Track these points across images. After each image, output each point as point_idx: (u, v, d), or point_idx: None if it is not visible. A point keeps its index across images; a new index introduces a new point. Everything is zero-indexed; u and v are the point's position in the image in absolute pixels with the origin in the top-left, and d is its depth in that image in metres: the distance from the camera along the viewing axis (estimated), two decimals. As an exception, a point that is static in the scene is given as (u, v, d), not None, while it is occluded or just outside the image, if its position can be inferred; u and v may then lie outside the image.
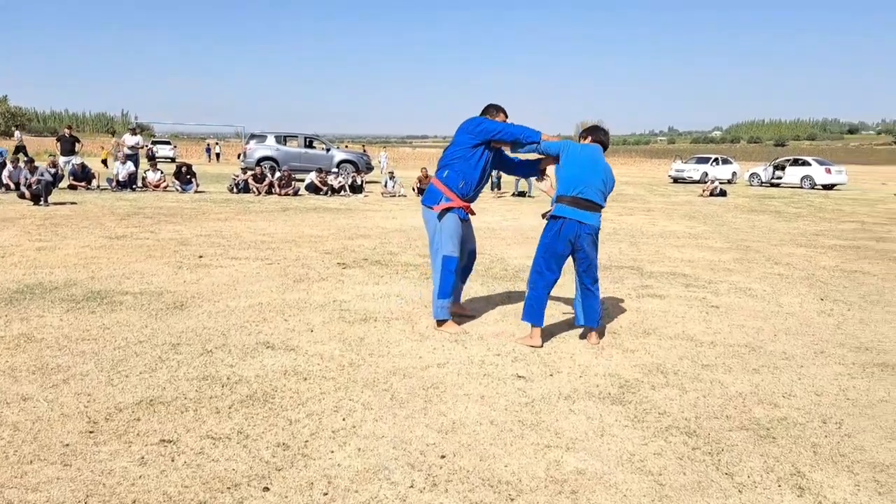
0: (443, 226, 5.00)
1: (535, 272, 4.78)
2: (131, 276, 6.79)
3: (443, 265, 5.01)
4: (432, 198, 5.06)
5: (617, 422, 3.48)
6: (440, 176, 5.07)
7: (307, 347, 4.58)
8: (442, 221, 5.00)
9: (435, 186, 5.08)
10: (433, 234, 5.07)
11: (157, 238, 9.61)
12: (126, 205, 14.32)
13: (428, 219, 5.10)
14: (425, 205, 5.10)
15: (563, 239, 4.68)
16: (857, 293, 7.01)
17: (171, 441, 3.08)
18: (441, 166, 5.10)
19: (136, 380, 3.86)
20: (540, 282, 4.76)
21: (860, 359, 4.74)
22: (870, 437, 3.40)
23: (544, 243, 4.75)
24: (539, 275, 4.76)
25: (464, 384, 3.96)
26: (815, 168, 30.15)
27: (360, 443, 3.13)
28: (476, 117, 5.06)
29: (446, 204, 4.99)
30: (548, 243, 4.73)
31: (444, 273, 5.01)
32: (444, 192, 5.01)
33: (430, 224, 5.09)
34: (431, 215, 5.05)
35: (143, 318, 5.21)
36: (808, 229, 13.21)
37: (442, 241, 5.00)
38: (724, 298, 6.59)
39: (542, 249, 4.76)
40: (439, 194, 5.03)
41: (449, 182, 5.01)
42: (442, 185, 5.02)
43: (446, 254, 5.00)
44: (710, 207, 18.45)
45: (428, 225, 5.11)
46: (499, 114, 5.15)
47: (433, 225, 5.06)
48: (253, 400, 3.61)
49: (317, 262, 7.95)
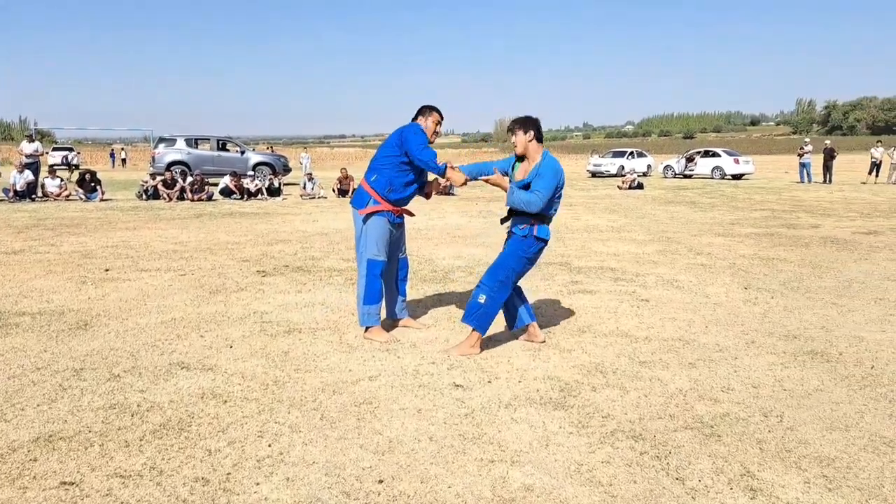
0: (368, 229, 4.77)
1: (502, 284, 4.46)
2: (29, 295, 6.25)
3: (367, 269, 4.78)
4: (360, 200, 4.83)
5: (561, 429, 3.33)
6: (368, 179, 4.83)
7: (226, 366, 4.25)
8: (367, 224, 4.77)
9: (363, 189, 4.84)
10: (359, 237, 4.83)
11: (59, 251, 8.96)
12: (24, 216, 13.39)
13: (356, 221, 4.86)
14: (354, 206, 4.87)
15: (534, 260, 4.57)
16: (778, 280, 7.15)
17: (74, 483, 2.73)
18: (370, 169, 4.87)
19: (32, 413, 3.45)
20: (504, 295, 4.51)
21: (790, 347, 4.77)
22: (811, 430, 3.37)
23: (523, 260, 4.49)
24: (507, 288, 4.50)
25: (398, 397, 3.73)
26: (724, 159, 31.24)
27: (289, 471, 2.86)
28: (410, 129, 4.77)
29: (373, 207, 4.76)
30: (525, 262, 4.50)
31: (370, 277, 4.77)
32: (372, 196, 4.78)
33: (357, 227, 4.85)
34: (359, 218, 4.81)
35: (41, 341, 4.75)
36: (724, 218, 13.58)
37: (367, 244, 4.77)
38: (652, 291, 6.59)
39: (517, 265, 4.48)
40: (367, 197, 4.80)
41: (377, 186, 4.78)
42: (370, 189, 4.79)
43: (370, 257, 4.77)
44: (629, 200, 18.80)
45: (356, 228, 4.87)
46: (432, 113, 4.90)
47: (359, 228, 4.82)
48: (167, 429, 3.27)
49: (234, 271, 7.55)
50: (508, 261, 4.48)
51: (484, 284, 4.48)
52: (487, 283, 4.47)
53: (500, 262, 4.51)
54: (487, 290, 4.45)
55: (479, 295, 4.46)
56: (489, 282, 4.47)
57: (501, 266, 4.48)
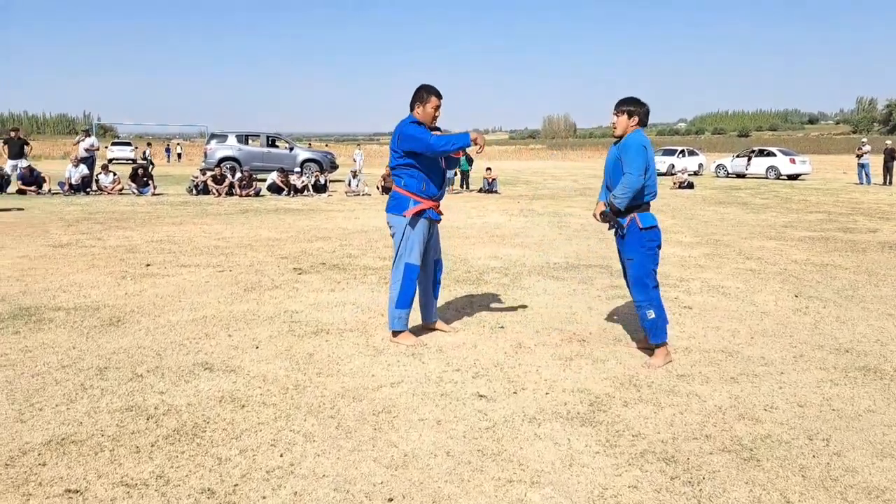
0: (413, 233, 4.63)
1: (653, 287, 4.36)
2: (68, 289, 6.32)
3: (405, 274, 4.64)
4: (399, 205, 4.65)
5: (587, 448, 3.15)
6: (399, 184, 4.69)
7: (249, 367, 4.19)
8: (410, 228, 4.62)
9: (399, 193, 4.68)
10: (399, 240, 4.67)
11: (104, 245, 9.09)
12: (76, 210, 13.70)
13: (396, 225, 4.68)
14: (393, 213, 4.68)
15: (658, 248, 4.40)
16: (831, 288, 6.79)
17: (78, 491, 2.67)
18: (395, 175, 4.72)
19: (50, 414, 3.43)
20: (658, 295, 4.38)
21: (841, 362, 4.48)
22: (860, 456, 3.12)
23: (653, 255, 4.34)
24: (656, 289, 4.39)
25: (419, 407, 3.60)
26: (779, 158, 30.27)
27: (298, 484, 2.76)
28: (404, 130, 4.57)
29: (416, 208, 4.61)
30: (653, 254, 4.34)
31: (406, 282, 4.64)
32: (410, 197, 4.63)
33: (397, 231, 4.68)
34: (401, 222, 4.64)
35: (71, 337, 4.77)
36: (777, 221, 13.08)
37: (408, 248, 4.63)
38: (696, 298, 6.32)
39: (652, 262, 4.34)
40: (405, 199, 4.64)
41: (410, 188, 4.64)
42: (405, 192, 4.65)
43: (410, 262, 4.64)
44: (677, 200, 18.32)
45: (395, 232, 4.70)
46: (429, 98, 4.63)
47: (399, 232, 4.66)
48: (180, 435, 3.21)
49: (271, 269, 7.53)
50: (645, 266, 4.33)
51: (642, 301, 4.35)
52: (643, 298, 4.34)
53: (637, 272, 4.35)
54: (647, 304, 4.33)
55: (644, 314, 4.35)
56: (642, 295, 4.34)
57: (643, 275, 4.34)
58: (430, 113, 4.65)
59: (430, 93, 4.64)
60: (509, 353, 4.56)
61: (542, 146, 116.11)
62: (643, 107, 4.37)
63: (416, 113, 4.66)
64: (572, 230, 11.44)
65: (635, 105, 4.36)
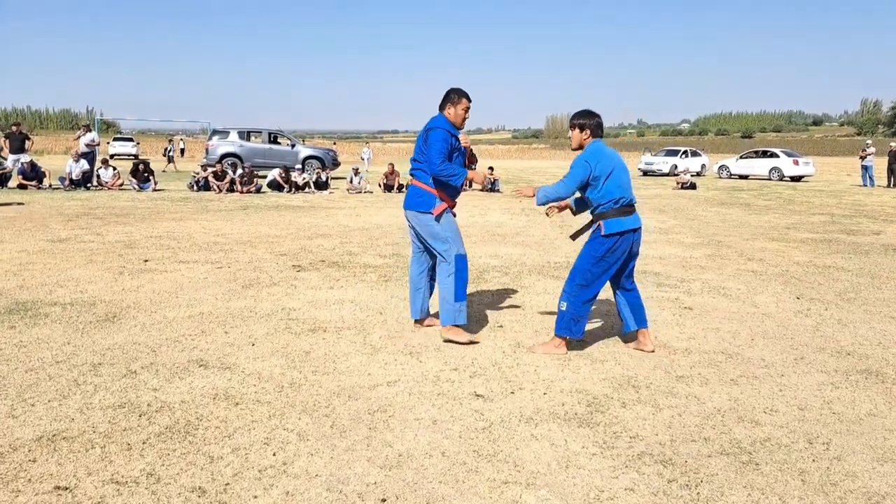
0: (446, 227, 4.63)
1: (581, 287, 4.42)
2: (65, 284, 6.28)
3: (461, 266, 4.63)
4: (426, 203, 4.63)
5: (584, 449, 3.11)
6: (424, 181, 4.66)
7: (245, 365, 4.15)
8: (443, 223, 4.62)
9: (423, 190, 4.66)
10: (434, 237, 4.63)
11: (103, 241, 9.07)
12: (76, 205, 13.68)
13: (423, 223, 4.65)
14: (419, 210, 4.65)
15: (621, 255, 4.44)
16: (833, 290, 6.74)
17: (67, 488, 2.64)
18: (420, 169, 4.70)
19: (42, 410, 3.39)
20: (586, 295, 4.44)
21: (842, 365, 4.44)
22: (860, 461, 3.08)
23: (594, 257, 4.41)
24: (585, 289, 4.43)
25: (415, 406, 3.56)
26: (783, 159, 30.17)
27: (290, 484, 2.72)
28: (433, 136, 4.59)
29: (442, 206, 4.62)
30: (597, 257, 4.41)
31: (463, 273, 4.64)
32: (436, 195, 4.62)
33: (426, 228, 4.65)
34: (428, 220, 4.62)
35: (66, 333, 4.73)
36: (779, 222, 13.03)
37: (452, 241, 4.63)
38: (697, 298, 6.27)
39: (591, 263, 4.41)
40: (431, 197, 4.63)
41: (437, 186, 4.64)
42: (430, 189, 4.63)
43: (462, 253, 4.66)
44: (679, 200, 18.26)
45: (423, 230, 4.66)
46: (460, 101, 4.72)
47: (431, 229, 4.63)
48: (172, 432, 3.17)
49: (270, 265, 7.50)
50: (582, 263, 4.45)
51: (565, 291, 4.47)
52: (568, 290, 4.46)
53: (576, 266, 4.48)
54: (566, 296, 4.45)
55: (560, 303, 4.47)
56: (569, 288, 4.46)
57: (578, 270, 4.46)
58: (461, 114, 4.73)
59: (460, 95, 4.74)
60: (508, 352, 4.52)
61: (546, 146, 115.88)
62: (594, 118, 4.52)
63: (448, 113, 4.71)
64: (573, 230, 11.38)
65: (586, 118, 4.52)
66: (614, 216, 4.38)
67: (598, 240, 4.40)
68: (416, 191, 4.72)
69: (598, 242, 4.40)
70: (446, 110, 4.72)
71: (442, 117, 4.71)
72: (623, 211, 4.39)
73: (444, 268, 4.67)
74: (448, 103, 4.73)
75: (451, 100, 4.73)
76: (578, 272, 4.44)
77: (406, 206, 4.77)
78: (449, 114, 4.71)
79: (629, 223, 4.40)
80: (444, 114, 4.72)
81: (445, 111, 4.73)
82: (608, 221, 4.37)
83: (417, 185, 4.72)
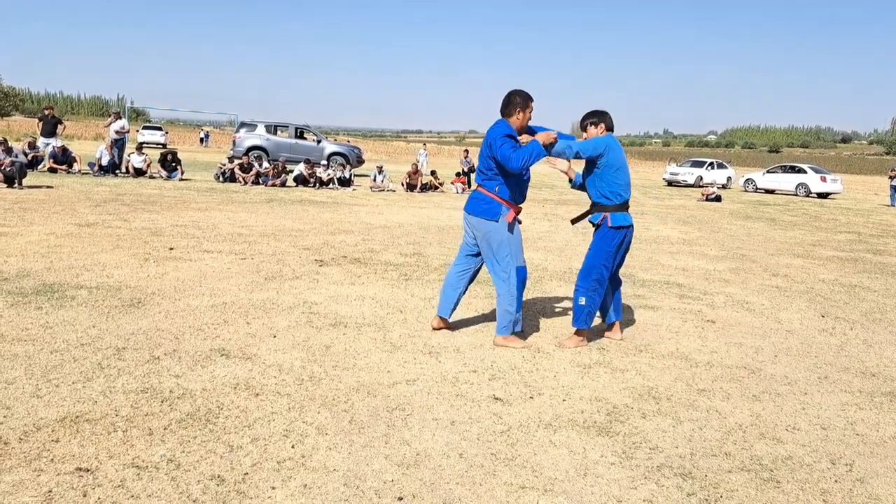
0: (513, 237, 4.63)
1: (596, 281, 4.70)
2: (91, 268, 6.36)
3: (522, 277, 4.64)
4: (492, 211, 4.58)
5: (603, 458, 3.09)
6: (490, 188, 4.61)
7: (266, 356, 4.17)
8: (511, 232, 4.61)
9: (488, 196, 4.61)
10: (498, 245, 4.59)
11: (130, 227, 9.16)
12: (105, 191, 13.84)
13: (491, 231, 4.58)
14: (486, 218, 4.58)
15: (624, 247, 4.81)
16: (859, 310, 6.65)
17: (89, 470, 2.67)
18: (488, 177, 4.63)
19: (66, 391, 3.44)
20: (601, 290, 4.75)
21: (866, 386, 4.37)
22: (884, 484, 3.03)
23: (607, 252, 4.71)
24: (601, 283, 4.73)
25: (433, 406, 3.56)
26: (810, 175, 29.82)
27: (308, 477, 2.73)
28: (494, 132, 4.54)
29: (511, 215, 4.60)
30: (611, 252, 4.73)
31: (522, 286, 4.66)
32: (502, 204, 4.58)
33: (493, 236, 4.59)
34: (495, 228, 4.57)
35: (92, 316, 4.79)
36: (805, 239, 12.87)
37: (514, 252, 4.61)
38: (720, 312, 6.21)
39: (604, 259, 4.71)
40: (497, 205, 4.58)
41: (504, 195, 4.60)
42: (496, 197, 4.59)
43: (522, 265, 4.66)
44: (705, 212, 18.10)
45: (488, 238, 4.60)
46: (529, 105, 4.63)
47: (498, 237, 4.58)
48: (193, 419, 3.19)
49: (293, 259, 7.54)
50: (596, 259, 4.71)
51: (581, 287, 4.72)
52: (583, 285, 4.71)
53: (589, 262, 4.73)
54: (584, 292, 4.70)
55: (577, 298, 4.73)
56: (584, 283, 4.71)
57: (592, 266, 4.70)
58: (529, 117, 4.72)
59: (529, 99, 4.65)
60: (527, 356, 4.51)
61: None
62: (607, 115, 4.88)
63: (516, 118, 4.63)
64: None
65: (600, 115, 4.86)
66: (618, 210, 4.72)
67: (608, 233, 4.70)
68: (482, 197, 4.64)
69: (609, 236, 4.70)
70: (515, 116, 4.62)
71: (504, 123, 4.62)
72: (624, 207, 4.75)
73: (504, 278, 4.63)
74: (518, 109, 4.61)
75: (521, 105, 4.61)
76: (594, 268, 4.69)
77: (471, 211, 4.68)
78: (518, 119, 4.62)
79: (629, 219, 4.78)
80: (511, 121, 4.62)
81: (514, 116, 4.62)
82: (614, 215, 4.70)
83: (483, 193, 4.65)
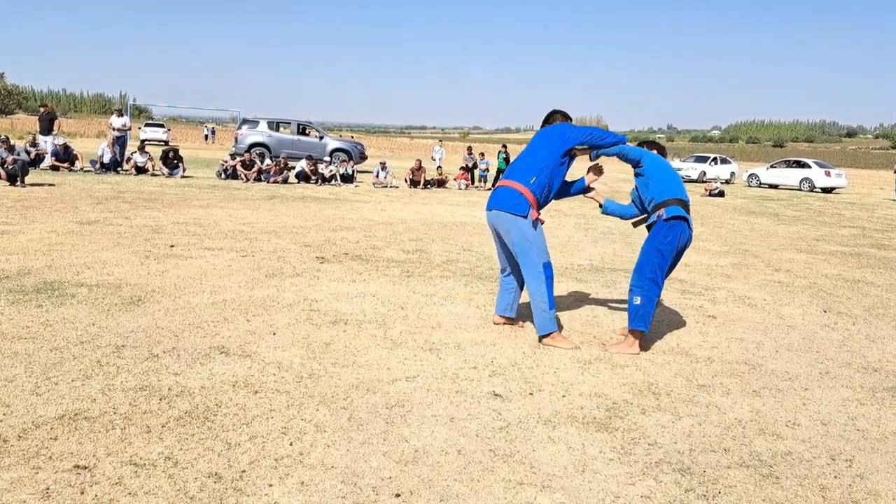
0: (538, 234, 4.63)
1: (650, 280, 4.56)
2: (92, 266, 6.37)
3: (549, 274, 4.64)
4: (521, 206, 4.57)
5: (601, 454, 3.08)
6: (525, 182, 4.61)
7: (265, 354, 4.17)
8: (535, 229, 4.61)
9: (519, 192, 4.60)
10: (522, 242, 4.59)
11: (131, 224, 9.17)
12: (106, 188, 13.85)
13: (518, 226, 4.58)
14: (514, 213, 4.58)
15: (683, 242, 4.68)
16: (862, 305, 6.63)
17: (87, 468, 2.67)
18: (527, 169, 4.67)
19: (65, 388, 3.44)
20: (658, 290, 4.61)
21: (868, 381, 4.36)
22: (884, 480, 3.02)
23: (663, 249, 4.57)
24: (656, 283, 4.59)
25: (433, 403, 3.55)
26: (814, 170, 29.72)
27: (305, 474, 2.73)
28: (561, 125, 4.84)
29: (536, 213, 4.61)
30: (667, 249, 4.58)
31: (551, 282, 4.64)
32: (530, 201, 4.58)
33: (519, 233, 4.58)
34: (522, 223, 4.57)
35: (92, 314, 4.79)
36: (808, 234, 12.83)
37: (540, 249, 4.62)
38: (721, 307, 6.20)
39: (657, 256, 4.57)
40: (527, 203, 4.58)
41: (535, 190, 4.61)
42: (529, 193, 4.58)
43: (548, 261, 4.66)
44: (707, 208, 18.06)
45: (515, 233, 4.60)
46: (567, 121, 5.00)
47: (522, 234, 4.58)
48: (191, 417, 3.19)
49: (294, 256, 7.53)
50: (649, 255, 4.60)
51: (635, 286, 4.59)
52: (638, 284, 4.58)
53: (642, 259, 4.64)
54: (639, 291, 4.56)
55: (632, 298, 4.60)
56: (639, 282, 4.58)
57: (645, 263, 4.60)
58: None
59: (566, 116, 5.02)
60: (528, 353, 4.50)
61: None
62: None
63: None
64: (598, 232, 11.33)
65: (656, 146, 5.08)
66: (673, 204, 4.61)
67: (663, 227, 4.58)
68: (512, 192, 4.64)
69: (663, 230, 4.57)
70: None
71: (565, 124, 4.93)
72: (680, 203, 4.66)
73: (535, 276, 4.63)
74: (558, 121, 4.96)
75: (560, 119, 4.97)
76: (646, 265, 4.58)
77: (498, 206, 4.67)
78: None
79: (685, 213, 4.64)
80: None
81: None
82: (668, 207, 4.60)
83: (513, 187, 4.64)
